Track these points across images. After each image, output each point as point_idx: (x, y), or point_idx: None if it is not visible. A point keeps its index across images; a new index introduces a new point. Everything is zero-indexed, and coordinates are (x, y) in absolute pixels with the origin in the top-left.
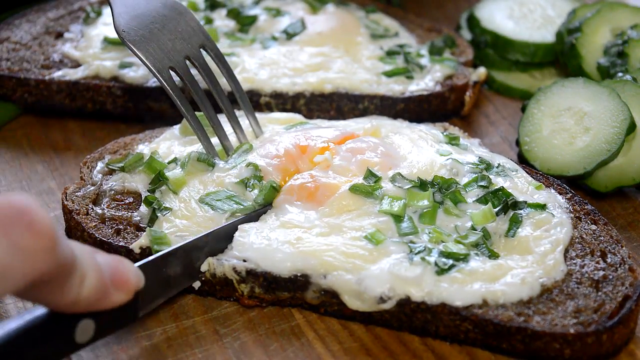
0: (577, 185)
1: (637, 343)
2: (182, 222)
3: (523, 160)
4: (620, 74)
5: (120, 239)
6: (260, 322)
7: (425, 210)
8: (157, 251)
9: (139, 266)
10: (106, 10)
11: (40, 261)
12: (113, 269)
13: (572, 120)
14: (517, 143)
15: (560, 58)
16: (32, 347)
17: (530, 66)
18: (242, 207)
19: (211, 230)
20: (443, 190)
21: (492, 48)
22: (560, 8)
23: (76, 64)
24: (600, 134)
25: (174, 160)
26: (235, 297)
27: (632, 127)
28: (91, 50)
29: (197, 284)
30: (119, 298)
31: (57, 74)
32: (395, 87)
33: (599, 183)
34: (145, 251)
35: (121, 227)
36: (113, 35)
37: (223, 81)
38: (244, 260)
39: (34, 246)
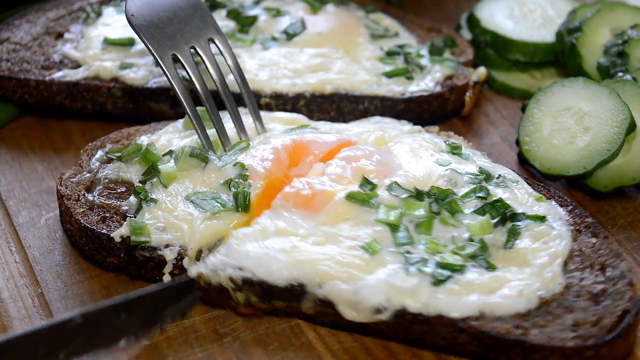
0: (577, 185)
1: None
2: (164, 214)
3: (523, 160)
4: (620, 74)
5: (104, 227)
6: (260, 321)
7: (421, 220)
8: (136, 242)
9: None
10: (106, 11)
11: None
12: None
13: (572, 120)
14: (517, 143)
15: (560, 58)
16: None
17: (530, 66)
18: (222, 208)
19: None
20: (439, 201)
21: (492, 48)
22: (560, 8)
23: (76, 65)
24: (600, 133)
25: (170, 152)
26: (231, 306)
27: (632, 127)
28: (91, 51)
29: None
30: None
31: (57, 75)
32: (396, 88)
33: (599, 183)
34: (126, 240)
35: (108, 215)
36: (113, 35)
37: (230, 78)
38: (240, 269)
39: None
